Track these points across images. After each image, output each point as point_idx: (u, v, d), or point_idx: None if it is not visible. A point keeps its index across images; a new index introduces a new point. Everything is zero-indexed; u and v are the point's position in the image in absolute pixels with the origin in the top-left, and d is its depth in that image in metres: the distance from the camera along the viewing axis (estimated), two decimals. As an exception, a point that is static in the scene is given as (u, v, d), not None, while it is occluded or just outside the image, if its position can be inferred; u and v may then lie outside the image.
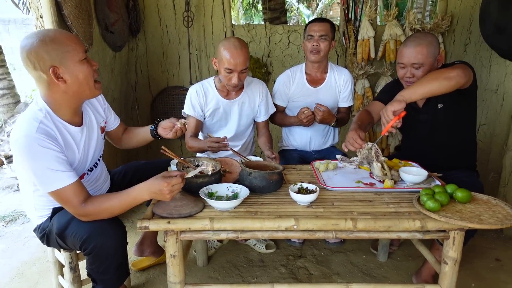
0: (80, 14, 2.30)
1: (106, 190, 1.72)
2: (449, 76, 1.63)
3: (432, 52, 1.82)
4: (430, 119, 1.95)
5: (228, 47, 1.96)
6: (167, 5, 3.39)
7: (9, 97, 5.13)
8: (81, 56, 1.36)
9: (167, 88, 3.58)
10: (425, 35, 1.89)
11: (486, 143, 2.91)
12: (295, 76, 2.40)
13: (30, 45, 1.30)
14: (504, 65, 2.71)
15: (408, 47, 1.85)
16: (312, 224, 1.37)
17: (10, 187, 3.49)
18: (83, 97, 1.46)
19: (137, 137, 1.86)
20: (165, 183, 1.31)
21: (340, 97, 2.43)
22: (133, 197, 1.37)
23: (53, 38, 1.31)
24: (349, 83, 2.40)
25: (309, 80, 2.39)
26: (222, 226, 1.36)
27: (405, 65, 1.87)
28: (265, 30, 3.49)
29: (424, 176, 1.68)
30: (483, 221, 1.36)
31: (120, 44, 3.10)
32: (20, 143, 1.29)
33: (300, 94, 2.40)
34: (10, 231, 2.71)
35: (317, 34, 2.23)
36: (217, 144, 1.94)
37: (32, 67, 1.32)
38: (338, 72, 2.40)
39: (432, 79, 1.65)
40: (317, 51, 2.26)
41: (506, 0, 2.43)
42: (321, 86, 2.39)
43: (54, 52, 1.30)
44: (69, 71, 1.34)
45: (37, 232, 1.56)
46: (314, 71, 2.39)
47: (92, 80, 1.42)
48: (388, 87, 2.19)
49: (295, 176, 1.84)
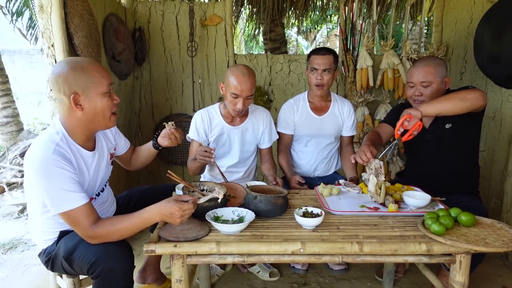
0: (89, 43, 2.39)
1: (112, 214, 1.73)
2: (465, 98, 1.71)
3: (440, 72, 1.93)
4: (436, 139, 2.00)
5: (235, 73, 2.01)
6: (172, 36, 3.51)
7: (13, 124, 5.20)
8: (105, 89, 1.43)
9: (170, 116, 3.63)
10: (433, 58, 2.02)
11: (487, 169, 2.94)
12: (299, 105, 2.44)
13: (61, 70, 1.39)
14: (500, 92, 2.78)
15: (417, 67, 1.96)
16: (318, 248, 1.37)
17: (10, 214, 3.47)
18: (96, 127, 1.52)
19: (143, 153, 1.92)
20: (177, 207, 1.33)
21: (344, 126, 2.46)
22: (144, 219, 1.38)
23: (83, 67, 1.39)
24: (352, 113, 2.45)
25: (313, 108, 2.42)
26: (229, 250, 1.36)
27: (414, 84, 1.96)
28: (266, 60, 3.60)
29: (428, 200, 1.70)
30: (489, 244, 1.36)
31: (126, 72, 3.18)
32: (36, 164, 1.33)
33: (305, 122, 2.42)
34: (10, 259, 2.67)
35: (321, 67, 2.27)
36: (204, 153, 1.94)
37: (58, 89, 1.40)
38: (341, 102, 2.45)
39: (449, 98, 1.73)
40: (321, 85, 2.30)
41: (498, 30, 2.54)
42: (326, 114, 2.42)
43: (81, 80, 1.38)
44: (89, 100, 1.41)
45: (42, 256, 1.55)
46: (318, 99, 2.43)
47: (109, 113, 1.48)
48: (395, 110, 2.26)
49: (299, 201, 1.85)
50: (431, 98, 1.92)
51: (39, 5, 2.06)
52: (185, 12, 3.42)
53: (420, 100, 1.96)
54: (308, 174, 2.52)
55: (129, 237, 1.44)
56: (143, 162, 1.94)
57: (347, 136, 2.50)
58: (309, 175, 2.52)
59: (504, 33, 2.50)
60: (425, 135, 2.02)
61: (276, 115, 3.65)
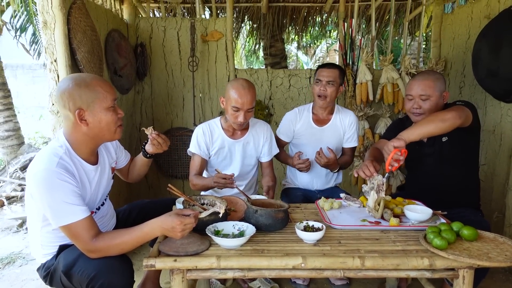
0: (92, 59, 2.42)
1: (112, 228, 1.73)
2: (444, 118, 1.72)
3: (438, 86, 1.94)
4: (435, 152, 2.00)
5: (236, 87, 2.04)
6: (173, 51, 3.55)
7: (14, 138, 5.20)
8: (109, 104, 1.46)
9: (171, 129, 3.65)
10: (433, 72, 2.05)
11: (488, 182, 2.93)
12: (302, 115, 2.47)
13: (66, 86, 1.41)
14: (499, 106, 2.79)
15: (416, 80, 1.99)
16: (319, 262, 1.35)
17: (9, 229, 3.44)
18: (102, 140, 1.55)
19: (137, 164, 1.91)
20: (178, 221, 1.33)
21: (345, 137, 2.46)
22: (145, 233, 1.38)
23: (88, 83, 1.42)
24: (354, 124, 2.45)
25: (315, 120, 2.45)
26: (229, 264, 1.35)
27: (413, 96, 1.98)
28: (266, 74, 3.64)
29: (429, 214, 1.69)
30: (492, 259, 1.35)
31: (127, 87, 3.21)
32: (39, 177, 1.34)
33: (305, 132, 2.45)
34: (8, 273, 2.64)
35: (325, 79, 2.31)
36: (224, 180, 1.95)
37: (63, 105, 1.42)
38: (343, 114, 2.46)
39: (429, 121, 1.74)
40: (324, 96, 2.33)
41: (496, 45, 2.57)
42: (326, 126, 2.44)
43: (85, 96, 1.41)
44: (93, 115, 1.43)
45: (41, 271, 1.53)
46: (321, 112, 2.45)
47: (114, 126, 1.50)
48: (393, 126, 2.28)
49: (300, 215, 1.84)
50: (429, 112, 1.94)
51: (43, 21, 2.09)
52: (186, 28, 3.48)
53: (418, 112, 1.97)
54: (307, 187, 2.52)
55: (129, 251, 1.43)
56: (139, 173, 1.93)
57: (347, 148, 2.50)
58: (309, 187, 2.52)
59: (501, 48, 2.53)
60: (424, 148, 2.03)
61: (277, 129, 3.69)
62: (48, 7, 2.07)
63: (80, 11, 2.31)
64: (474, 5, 3.02)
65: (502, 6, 2.65)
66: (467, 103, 1.89)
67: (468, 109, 1.82)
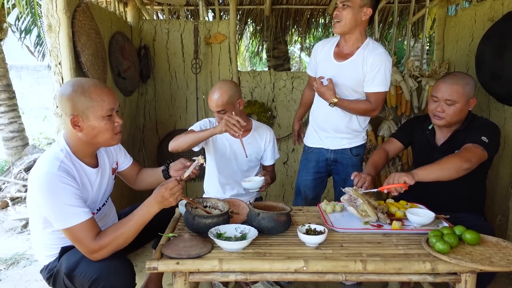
0: (96, 61, 2.43)
1: None
2: (459, 170, 1.73)
3: (467, 93, 1.86)
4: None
5: (211, 90, 2.11)
6: (177, 53, 3.57)
7: (18, 139, 5.24)
8: (105, 112, 1.45)
9: (174, 131, 3.66)
10: (464, 75, 1.92)
11: (491, 186, 2.92)
12: (326, 46, 2.21)
13: (65, 91, 1.43)
14: (502, 109, 2.78)
15: (445, 82, 1.89)
16: (321, 266, 1.36)
17: (13, 229, 3.47)
18: (98, 145, 1.56)
19: (151, 178, 1.90)
20: (163, 189, 1.43)
21: (365, 79, 2.07)
22: (145, 213, 1.45)
23: (85, 90, 1.42)
24: (378, 65, 2.02)
25: (335, 53, 2.15)
26: (231, 267, 1.35)
27: (438, 99, 1.90)
28: (269, 76, 3.64)
29: (432, 218, 1.69)
30: (494, 264, 1.35)
31: (131, 89, 3.23)
32: (41, 180, 1.35)
33: (323, 66, 2.18)
34: (12, 274, 2.66)
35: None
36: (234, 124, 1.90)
37: (62, 109, 1.46)
38: (371, 50, 2.05)
39: (446, 168, 1.74)
40: (337, 16, 2.04)
41: (499, 49, 2.56)
42: (346, 61, 2.09)
43: (80, 103, 1.41)
44: (87, 122, 1.44)
45: (44, 272, 1.55)
46: (344, 44, 2.12)
47: (108, 134, 1.49)
48: (407, 126, 2.22)
49: (302, 218, 1.85)
50: (452, 117, 1.89)
51: (48, 24, 2.11)
52: (189, 30, 3.49)
53: (441, 116, 1.90)
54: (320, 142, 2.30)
55: (131, 253, 1.44)
56: (149, 187, 1.90)
57: (369, 92, 2.09)
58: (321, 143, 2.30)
59: (505, 51, 2.52)
60: (435, 153, 1.99)
61: (280, 131, 3.70)
62: (53, 10, 2.09)
63: (84, 14, 2.32)
64: (477, 7, 3.02)
65: (506, 9, 2.64)
66: (492, 141, 1.82)
67: (486, 152, 1.79)
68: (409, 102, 3.31)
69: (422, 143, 2.10)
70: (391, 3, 4.01)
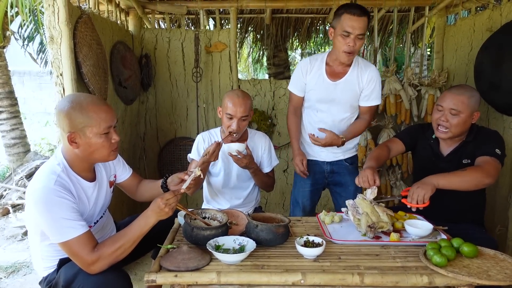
0: (97, 72, 2.46)
1: None
2: (483, 183, 1.77)
3: (472, 104, 1.89)
4: (450, 170, 1.96)
5: (231, 96, 2.10)
6: (178, 62, 3.60)
7: (20, 146, 5.26)
8: (102, 130, 1.45)
9: (174, 139, 3.68)
10: (471, 88, 1.97)
11: (491, 195, 2.91)
12: (314, 65, 2.19)
13: (63, 107, 1.44)
14: (501, 119, 2.79)
15: (452, 92, 1.92)
16: (319, 279, 1.36)
17: (14, 237, 3.48)
18: (94, 161, 1.57)
19: (151, 191, 1.90)
20: (159, 200, 1.46)
21: (361, 95, 2.18)
22: (143, 224, 1.46)
23: (82, 107, 1.42)
24: (375, 80, 2.15)
25: (328, 72, 2.17)
26: (229, 280, 1.36)
27: (443, 108, 1.92)
28: (269, 85, 3.66)
29: (430, 230, 1.69)
30: (492, 277, 1.35)
31: (132, 98, 3.25)
32: (38, 195, 1.37)
33: (316, 86, 2.19)
34: (12, 282, 2.67)
35: (356, 32, 1.98)
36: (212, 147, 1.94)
37: (59, 124, 1.46)
38: (363, 67, 2.15)
39: (468, 180, 1.78)
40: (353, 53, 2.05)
41: (498, 59, 2.58)
42: (341, 80, 2.15)
43: (78, 120, 1.42)
44: (84, 139, 1.45)
45: (42, 284, 1.56)
46: (337, 64, 2.14)
47: (105, 151, 1.50)
48: (413, 130, 2.22)
49: (301, 229, 1.85)
50: (456, 128, 1.90)
51: (50, 36, 2.14)
52: (190, 39, 3.52)
53: (444, 125, 1.92)
54: (315, 155, 2.36)
55: (128, 264, 1.45)
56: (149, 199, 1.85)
57: (364, 107, 2.22)
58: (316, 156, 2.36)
59: (503, 62, 2.54)
60: (440, 162, 2.00)
61: (280, 139, 3.72)
62: (55, 22, 2.11)
63: (86, 26, 2.35)
64: (476, 17, 3.04)
65: (504, 20, 2.66)
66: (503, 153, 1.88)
67: (500, 165, 1.85)
68: (408, 111, 3.33)
69: (425, 152, 2.10)
70: (390, 12, 4.04)
